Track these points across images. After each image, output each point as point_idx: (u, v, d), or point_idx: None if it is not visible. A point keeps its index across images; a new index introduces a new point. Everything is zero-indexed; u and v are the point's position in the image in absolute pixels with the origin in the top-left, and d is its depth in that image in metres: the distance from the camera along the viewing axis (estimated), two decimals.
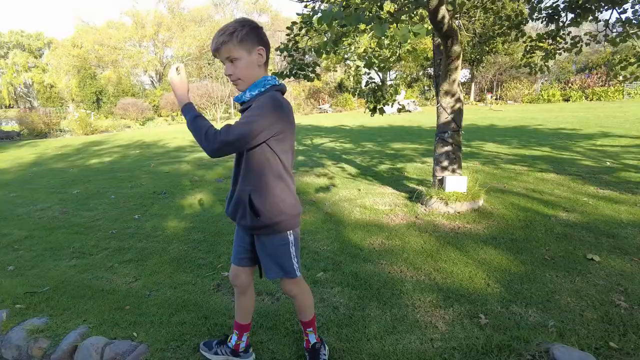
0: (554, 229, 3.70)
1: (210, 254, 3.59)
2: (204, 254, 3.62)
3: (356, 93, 23.62)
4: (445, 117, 4.34)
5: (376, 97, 5.86)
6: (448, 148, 4.37)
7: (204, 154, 9.23)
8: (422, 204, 4.49)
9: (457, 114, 4.35)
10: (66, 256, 3.80)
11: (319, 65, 5.19)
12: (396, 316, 2.51)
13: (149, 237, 4.10)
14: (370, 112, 5.86)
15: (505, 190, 4.96)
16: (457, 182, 4.30)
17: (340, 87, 27.18)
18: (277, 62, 31.57)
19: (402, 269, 3.11)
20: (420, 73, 27.17)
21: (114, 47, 32.17)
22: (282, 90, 1.80)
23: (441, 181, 4.42)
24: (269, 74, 1.89)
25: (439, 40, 4.40)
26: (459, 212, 4.18)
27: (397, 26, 2.39)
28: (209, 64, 26.38)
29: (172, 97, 23.14)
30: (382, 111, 5.75)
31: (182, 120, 22.99)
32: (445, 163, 4.40)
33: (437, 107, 4.43)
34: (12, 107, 38.76)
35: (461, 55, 4.14)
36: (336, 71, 26.81)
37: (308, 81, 5.07)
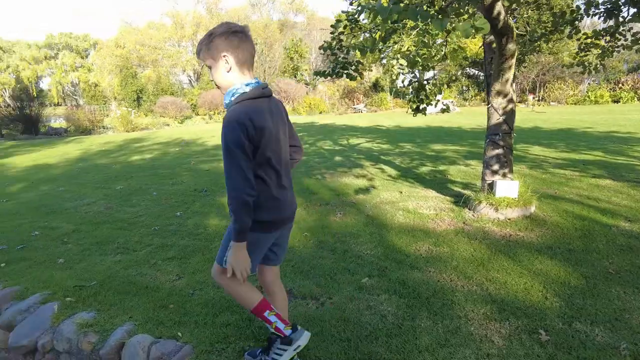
0: (616, 240, 3.44)
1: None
2: None
3: (397, 93, 23.26)
4: (497, 118, 4.13)
5: (419, 97, 5.69)
6: (499, 151, 4.16)
7: None
8: (469, 209, 4.30)
9: (509, 115, 4.13)
10: (111, 251, 3.86)
11: (362, 64, 5.07)
12: (448, 328, 2.38)
13: (191, 235, 4.12)
14: (412, 112, 5.69)
15: (557, 196, 4.68)
16: (508, 187, 4.08)
17: (376, 86, 26.91)
18: (312, 61, 31.69)
19: (452, 277, 2.96)
20: (459, 73, 26.50)
21: (154, 47, 33.15)
22: (251, 97, 1.76)
23: (491, 186, 4.22)
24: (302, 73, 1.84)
25: (490, 38, 4.19)
26: (509, 219, 3.97)
27: (456, 21, 2.26)
28: None
29: (210, 96, 23.63)
30: (424, 111, 5.57)
31: (219, 119, 23.40)
32: (496, 167, 4.19)
33: (488, 108, 4.22)
34: (60, 105, 40.70)
35: (516, 54, 3.93)
36: (371, 70, 26.57)
37: (351, 80, 4.97)
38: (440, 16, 2.17)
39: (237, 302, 2.07)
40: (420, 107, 5.55)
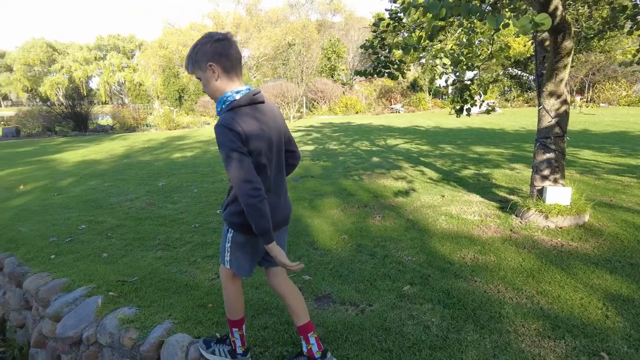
0: None
1: (290, 255, 3.52)
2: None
3: (436, 92, 22.76)
4: (549, 120, 3.89)
5: (463, 97, 5.48)
6: (550, 155, 3.92)
7: None
8: (517, 215, 4.08)
9: (563, 117, 3.88)
10: (152, 247, 3.94)
11: (405, 63, 4.93)
12: (497, 343, 2.23)
13: None
14: (455, 113, 5.50)
15: (614, 204, 4.36)
16: (559, 193, 3.84)
17: (414, 86, 26.42)
18: (349, 61, 31.54)
19: (500, 288, 2.80)
20: (501, 72, 25.57)
21: None
22: (242, 104, 1.77)
23: (541, 192, 3.98)
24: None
25: (543, 35, 3.96)
26: (561, 228, 3.73)
27: (512, 17, 2.11)
28: (283, 64, 26.91)
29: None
30: (468, 112, 5.37)
31: None
32: (546, 172, 3.95)
33: (539, 110, 3.99)
34: (107, 104, 42.67)
35: (572, 52, 3.68)
36: (409, 70, 26.11)
37: (392, 79, 4.85)
38: (495, 12, 2.03)
39: (225, 304, 2.14)
40: (465, 108, 5.36)
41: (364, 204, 4.82)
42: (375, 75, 4.84)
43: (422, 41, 3.64)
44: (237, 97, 1.78)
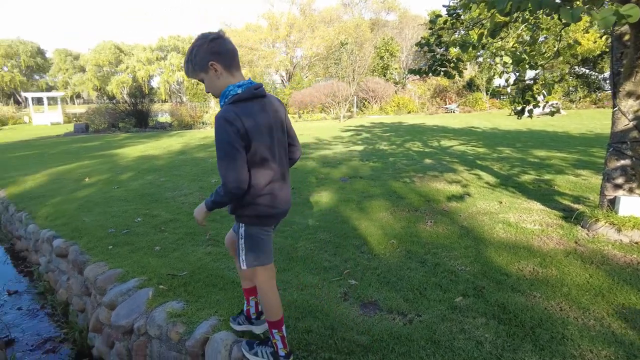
0: None
1: (337, 257, 3.45)
2: (330, 256, 3.49)
3: (494, 92, 21.81)
4: (625, 123, 3.54)
5: (524, 98, 5.14)
6: (625, 162, 3.56)
7: (328, 152, 9.31)
8: (583, 227, 3.75)
9: None
10: (203, 242, 4.02)
11: (462, 61, 4.70)
12: None
13: (277, 232, 4.14)
14: (516, 114, 5.17)
15: None
16: (635, 204, 3.48)
17: (470, 85, 25.43)
18: (402, 60, 30.94)
19: (563, 306, 2.56)
20: (566, 72, 23.95)
21: (251, 48, 34.86)
22: (242, 98, 1.83)
23: (612, 202, 3.63)
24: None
25: (622, 29, 3.60)
26: (636, 243, 3.37)
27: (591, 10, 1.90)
28: (335, 63, 26.89)
29: (300, 96, 24.20)
30: (530, 113, 5.03)
31: (308, 118, 23.89)
32: (620, 180, 3.60)
33: (614, 112, 3.64)
34: (167, 102, 44.77)
35: None
36: (466, 69, 25.13)
37: (448, 78, 4.64)
38: (571, 5, 1.84)
39: (262, 306, 2.13)
40: (526, 109, 5.02)
41: (414, 208, 4.66)
42: (431, 74, 4.66)
43: (482, 39, 3.42)
44: (239, 91, 1.84)
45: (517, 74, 5.41)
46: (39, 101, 31.20)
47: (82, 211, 5.33)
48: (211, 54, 1.81)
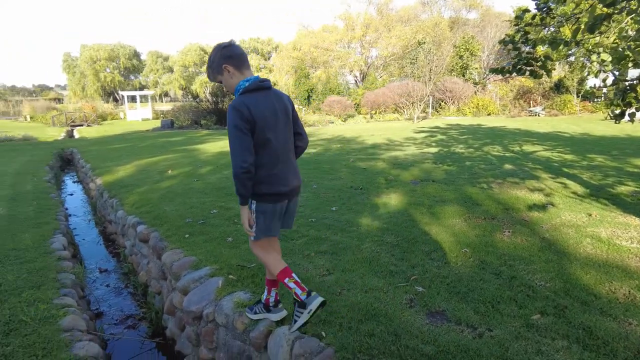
0: None
1: (404, 262, 3.35)
2: (397, 260, 3.39)
3: (586, 94, 19.97)
4: None
5: (625, 100, 4.60)
6: None
7: (399, 153, 9.12)
8: None
9: None
10: None
11: (552, 60, 4.31)
12: None
13: (343, 231, 4.13)
14: (614, 118, 4.64)
15: None
16: None
17: (558, 87, 23.43)
18: (483, 59, 29.39)
19: None
20: None
21: (326, 48, 35.25)
22: (249, 89, 2.15)
23: None
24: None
25: None
26: None
27: None
28: (411, 63, 26.25)
29: (373, 96, 24.01)
30: (632, 117, 4.49)
31: (379, 118, 23.64)
32: None
33: None
34: None
35: None
36: (554, 68, 23.17)
37: (534, 78, 4.30)
38: None
39: (267, 268, 2.43)
40: (627, 112, 4.49)
41: (491, 216, 4.37)
42: (515, 74, 4.34)
43: (577, 34, 3.10)
44: (247, 84, 2.17)
45: (617, 73, 4.86)
46: (132, 99, 34.29)
47: (164, 201, 5.74)
48: (224, 59, 2.17)
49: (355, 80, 36.17)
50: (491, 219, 4.28)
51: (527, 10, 4.16)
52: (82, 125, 27.04)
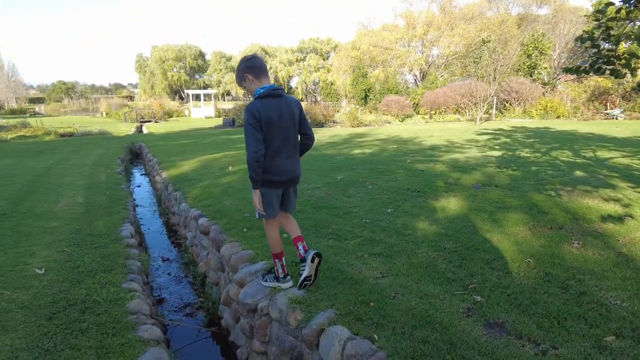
0: None
1: (462, 270, 3.22)
2: (455, 267, 3.27)
3: None
4: None
5: None
6: None
7: (459, 156, 8.80)
8: None
9: None
10: (325, 235, 4.14)
11: (637, 57, 3.94)
12: None
13: (399, 234, 4.05)
14: None
15: None
16: None
17: None
18: (554, 58, 27.57)
19: None
20: None
21: (386, 47, 34.81)
22: (261, 96, 2.65)
23: None
24: None
25: None
26: None
27: None
28: (474, 62, 25.21)
29: (433, 96, 23.38)
30: None
31: (439, 118, 22.98)
32: None
33: None
34: (303, 101, 47.53)
35: None
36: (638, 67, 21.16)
37: (616, 77, 3.96)
38: None
39: (269, 244, 3.02)
40: None
41: (558, 226, 4.09)
42: (592, 73, 4.02)
43: None
44: (261, 91, 2.66)
45: None
46: (196, 97, 36.00)
47: (224, 195, 5.96)
48: (246, 69, 2.69)
49: (415, 80, 35.42)
50: (558, 229, 4.00)
51: (610, 4, 3.85)
52: (150, 122, 28.84)
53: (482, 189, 5.68)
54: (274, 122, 2.64)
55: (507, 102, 23.31)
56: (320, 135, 15.92)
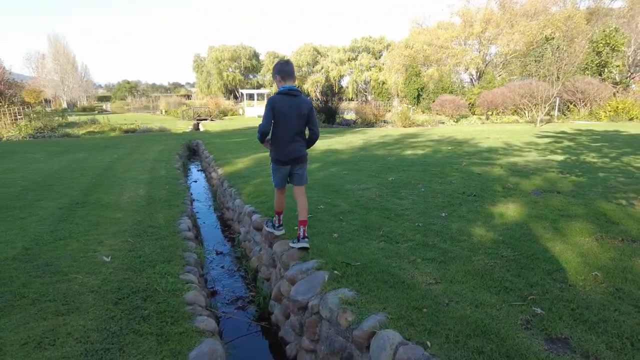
0: None
1: (521, 280, 3.07)
2: (513, 276, 3.13)
3: None
4: None
5: None
6: None
7: (518, 159, 8.40)
8: None
9: None
10: (376, 237, 4.10)
11: None
12: None
13: (453, 240, 3.93)
14: None
15: None
16: None
17: None
18: (628, 55, 25.50)
19: None
20: None
21: (441, 46, 33.91)
22: (281, 93, 3.56)
23: None
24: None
25: None
26: None
27: None
28: (536, 61, 23.89)
29: (491, 96, 22.47)
30: None
31: (496, 119, 22.05)
32: None
33: None
34: (353, 100, 47.41)
35: None
36: None
37: None
38: None
39: (274, 203, 4.18)
40: None
41: (631, 238, 3.79)
42: None
43: None
44: (282, 89, 3.57)
45: None
46: (250, 97, 37.00)
47: None
48: (277, 72, 3.65)
49: (471, 79, 34.25)
50: (631, 242, 3.70)
51: None
52: (206, 120, 30.02)
53: (543, 195, 5.38)
54: (284, 113, 3.55)
55: (571, 103, 21.92)
56: (371, 135, 15.80)
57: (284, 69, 3.59)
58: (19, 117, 20.97)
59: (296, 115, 3.56)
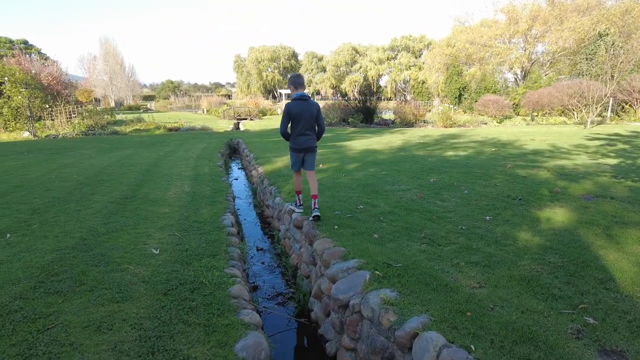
0: None
1: (570, 287, 2.96)
2: (562, 284, 3.02)
3: None
4: None
5: None
6: None
7: (566, 162, 8.07)
8: None
9: None
10: (418, 239, 4.07)
11: None
12: None
13: (498, 244, 3.84)
14: None
15: None
16: None
17: None
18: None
19: None
20: None
21: (484, 44, 32.92)
22: (295, 99, 4.59)
23: None
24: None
25: None
26: None
27: None
28: (587, 59, 22.70)
29: (536, 96, 21.58)
30: None
31: (542, 120, 21.18)
32: None
33: None
34: (392, 100, 46.88)
35: None
36: None
37: None
38: None
39: (293, 184, 5.19)
40: None
41: None
42: None
43: None
44: (295, 96, 4.54)
45: None
46: (288, 97, 37.39)
47: None
48: (291, 83, 4.65)
49: (515, 78, 33.03)
50: None
51: None
52: (246, 119, 30.65)
53: (595, 200, 5.14)
54: (298, 114, 4.54)
55: (626, 104, 20.70)
56: (410, 135, 15.59)
57: (296, 80, 4.64)
58: (73, 115, 22.26)
59: (308, 116, 4.58)
